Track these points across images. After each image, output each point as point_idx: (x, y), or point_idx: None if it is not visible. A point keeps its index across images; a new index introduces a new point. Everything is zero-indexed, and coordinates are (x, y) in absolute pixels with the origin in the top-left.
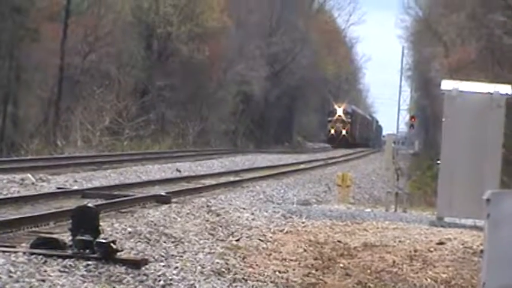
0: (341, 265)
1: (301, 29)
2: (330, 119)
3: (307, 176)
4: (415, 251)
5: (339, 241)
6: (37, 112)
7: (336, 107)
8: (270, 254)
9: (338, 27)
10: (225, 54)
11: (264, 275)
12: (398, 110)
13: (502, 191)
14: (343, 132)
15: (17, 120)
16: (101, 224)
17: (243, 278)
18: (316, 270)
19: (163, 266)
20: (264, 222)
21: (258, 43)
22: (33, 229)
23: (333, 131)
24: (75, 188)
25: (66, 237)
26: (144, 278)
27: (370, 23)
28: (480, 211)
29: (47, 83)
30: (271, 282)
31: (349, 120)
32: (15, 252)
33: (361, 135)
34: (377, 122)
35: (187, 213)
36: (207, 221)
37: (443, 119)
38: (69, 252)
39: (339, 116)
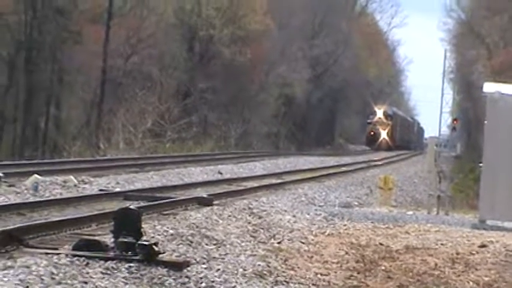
0: (383, 268)
1: (344, 32)
2: (369, 121)
3: (349, 178)
4: (457, 253)
5: (380, 244)
6: (79, 114)
7: (376, 108)
8: (312, 257)
9: (380, 29)
10: (267, 56)
11: (305, 277)
12: (441, 112)
13: None
14: (383, 134)
15: (60, 122)
16: (143, 226)
17: (285, 281)
18: (358, 273)
19: (205, 268)
20: (305, 224)
21: (300, 45)
22: (76, 231)
23: (372, 133)
24: (117, 190)
25: (108, 239)
26: (186, 280)
27: (412, 25)
28: None
29: (89, 85)
30: (313, 284)
31: (390, 123)
32: (57, 254)
33: (402, 137)
34: (419, 124)
35: (229, 216)
36: (249, 223)
37: (486, 122)
38: (111, 254)
39: (379, 118)
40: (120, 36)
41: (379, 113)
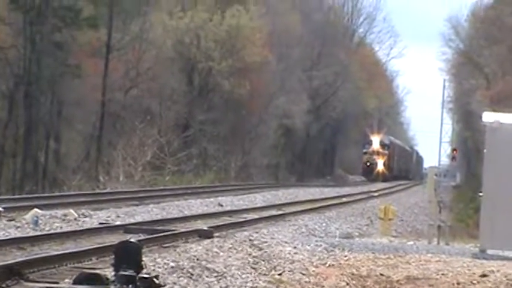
0: None
1: (342, 63)
2: (365, 150)
3: (349, 209)
4: (458, 283)
5: (381, 274)
6: (79, 148)
7: (372, 137)
8: None
9: (379, 60)
10: (266, 88)
11: None
12: (440, 142)
13: None
14: (380, 164)
15: (59, 156)
16: (143, 259)
17: None
18: None
19: None
20: (306, 255)
21: (299, 77)
22: (76, 265)
23: (368, 164)
24: (118, 223)
25: (109, 273)
26: None
27: (411, 56)
28: None
29: (88, 118)
30: None
31: (386, 152)
32: None
33: (400, 167)
34: (417, 153)
35: (230, 248)
36: (250, 255)
37: (485, 151)
38: (112, 287)
39: (375, 147)
40: (119, 70)
41: (376, 142)
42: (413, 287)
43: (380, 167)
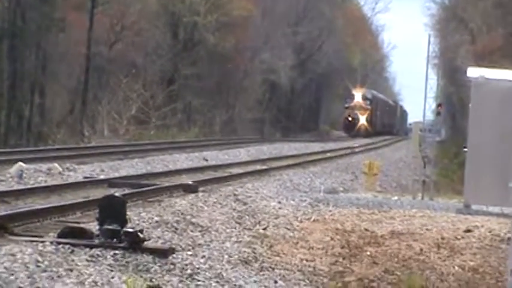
0: (368, 253)
1: (328, 17)
2: (347, 105)
3: (333, 164)
4: (442, 238)
5: (365, 229)
6: (64, 102)
7: (353, 92)
8: (297, 243)
9: (364, 15)
10: (251, 43)
11: (291, 263)
12: (425, 97)
13: None
14: (362, 119)
15: (44, 110)
16: (127, 213)
17: (270, 267)
18: (343, 258)
19: (191, 255)
20: (290, 210)
21: (284, 31)
22: (61, 219)
23: (350, 118)
24: (102, 177)
25: (93, 227)
26: (171, 267)
27: (396, 10)
28: (507, 198)
29: (73, 73)
30: (299, 270)
31: (369, 107)
32: (42, 242)
33: (383, 122)
34: (401, 107)
35: (214, 202)
36: (234, 209)
37: (470, 106)
38: (96, 241)
39: (357, 101)
40: (104, 24)
41: (357, 96)
42: (398, 242)
43: (362, 122)
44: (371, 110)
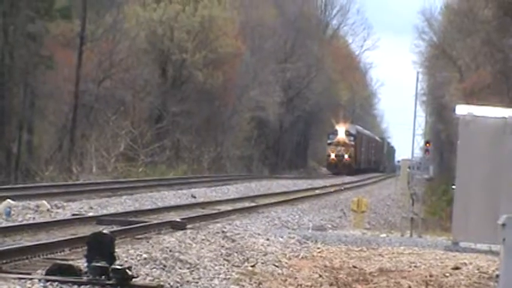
0: None
1: (316, 55)
2: (330, 141)
3: (322, 201)
4: (431, 276)
5: (354, 266)
6: (52, 139)
7: (336, 127)
8: (286, 280)
9: (352, 52)
10: (239, 80)
11: None
12: (413, 135)
13: None
14: (346, 156)
15: (32, 147)
16: (116, 250)
17: None
18: None
19: None
20: (279, 247)
21: (272, 69)
22: (49, 256)
23: (333, 155)
24: (91, 214)
25: (82, 264)
26: None
27: (384, 48)
28: (495, 236)
29: (61, 110)
30: None
31: (353, 143)
32: (31, 279)
33: (368, 159)
34: (389, 144)
35: (203, 239)
36: (222, 246)
37: (458, 144)
38: (85, 278)
39: (341, 137)
40: (93, 61)
41: (341, 132)
42: (386, 279)
43: (345, 159)
44: (355, 146)
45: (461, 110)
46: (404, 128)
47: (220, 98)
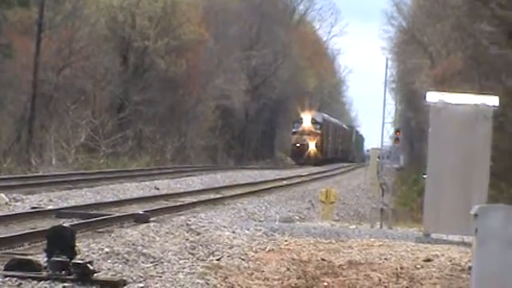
0: (325, 284)
1: (282, 41)
2: (294, 130)
3: (289, 192)
4: (402, 268)
5: (323, 259)
6: (10, 130)
7: (302, 115)
8: (252, 274)
9: (320, 38)
10: (203, 67)
11: None
12: (383, 123)
13: (490, 206)
14: (311, 145)
15: None
16: (77, 244)
17: None
18: None
19: (142, 287)
20: (245, 240)
21: (237, 56)
22: (8, 251)
23: (298, 145)
24: (50, 207)
25: (42, 259)
26: None
27: (352, 34)
28: (468, 226)
29: (20, 99)
30: None
31: (319, 131)
32: None
33: (335, 148)
34: (357, 132)
35: (167, 232)
36: (187, 240)
37: (429, 132)
38: (45, 274)
39: (306, 126)
40: (52, 49)
41: (306, 120)
42: (356, 272)
43: (311, 148)
44: (321, 134)
45: (432, 97)
46: (373, 116)
47: (183, 86)
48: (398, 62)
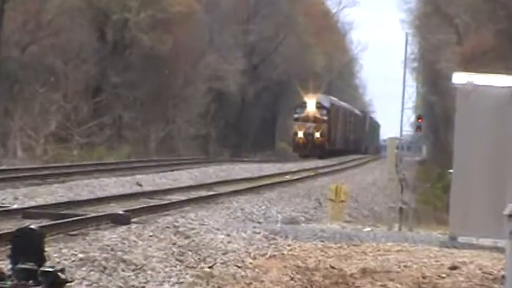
0: None
1: (285, 13)
2: (297, 116)
3: (293, 189)
4: (424, 277)
5: (332, 267)
6: None
7: (305, 99)
8: (250, 283)
9: (329, 10)
10: (193, 44)
11: None
12: (402, 108)
13: None
14: (316, 134)
15: None
16: (46, 249)
17: None
18: None
19: None
20: (242, 245)
21: (232, 31)
22: None
23: (301, 134)
24: (16, 206)
25: (5, 266)
26: None
27: (367, 4)
28: (501, 229)
29: None
30: None
31: (325, 118)
32: None
33: (346, 138)
34: (372, 119)
35: (150, 236)
36: (174, 244)
37: (456, 119)
38: (9, 283)
39: (310, 111)
40: (16, 22)
41: (311, 104)
42: (371, 282)
43: (316, 137)
44: (329, 121)
45: (460, 78)
46: (391, 101)
47: (170, 66)
48: (420, 37)
